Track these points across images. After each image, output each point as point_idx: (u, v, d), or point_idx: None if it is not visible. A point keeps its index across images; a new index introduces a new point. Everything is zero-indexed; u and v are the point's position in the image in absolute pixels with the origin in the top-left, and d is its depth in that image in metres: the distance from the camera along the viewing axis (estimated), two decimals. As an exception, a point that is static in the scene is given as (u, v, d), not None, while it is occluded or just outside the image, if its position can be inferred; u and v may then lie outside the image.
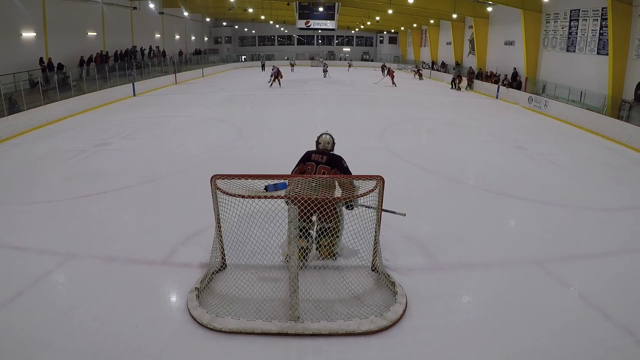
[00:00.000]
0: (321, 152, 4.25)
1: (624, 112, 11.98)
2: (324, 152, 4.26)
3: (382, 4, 22.94)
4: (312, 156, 4.22)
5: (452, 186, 6.92)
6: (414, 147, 9.46)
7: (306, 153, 4.32)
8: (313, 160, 4.20)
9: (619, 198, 6.59)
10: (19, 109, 10.96)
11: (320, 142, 4.32)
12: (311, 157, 4.22)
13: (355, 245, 3.85)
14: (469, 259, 4.50)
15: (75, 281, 4.05)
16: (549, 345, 3.23)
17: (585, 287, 4.04)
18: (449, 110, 15.09)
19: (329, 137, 4.34)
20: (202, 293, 3.74)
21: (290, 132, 10.73)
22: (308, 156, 4.26)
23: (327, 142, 4.32)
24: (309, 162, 4.20)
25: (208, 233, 4.79)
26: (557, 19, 16.16)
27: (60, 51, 17.22)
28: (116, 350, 3.12)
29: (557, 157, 8.89)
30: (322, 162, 4.17)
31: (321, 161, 4.17)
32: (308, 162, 4.21)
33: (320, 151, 4.28)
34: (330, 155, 4.24)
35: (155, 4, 23.78)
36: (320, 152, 4.25)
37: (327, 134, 4.38)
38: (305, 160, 4.23)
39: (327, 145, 4.32)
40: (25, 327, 3.33)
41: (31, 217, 5.44)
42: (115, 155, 8.44)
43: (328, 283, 3.79)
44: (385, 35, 42.22)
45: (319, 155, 4.21)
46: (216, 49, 39.74)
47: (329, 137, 4.34)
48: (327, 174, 4.08)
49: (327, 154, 4.25)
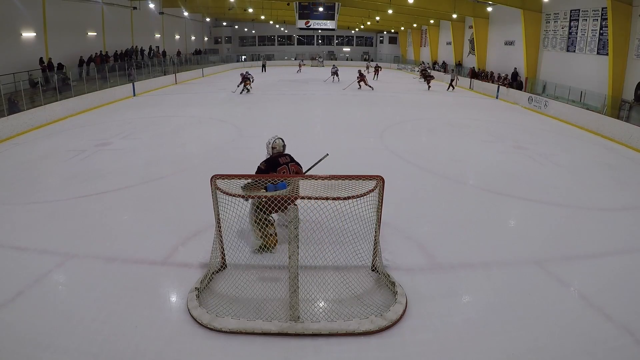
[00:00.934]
0: (282, 155, 4.63)
1: (624, 112, 11.98)
2: (284, 154, 4.66)
3: (382, 4, 22.95)
4: (279, 160, 4.53)
5: (452, 186, 6.92)
6: (414, 147, 9.46)
7: (269, 161, 4.52)
8: (283, 163, 4.51)
9: (619, 198, 6.59)
10: (19, 109, 10.96)
11: (276, 146, 4.68)
12: (279, 161, 4.51)
13: (355, 245, 3.85)
14: (469, 259, 4.50)
15: (75, 281, 4.06)
16: (549, 345, 3.23)
17: (585, 287, 4.04)
18: (449, 110, 15.09)
19: (282, 141, 4.75)
20: (202, 293, 3.74)
21: (290, 132, 10.69)
22: (275, 162, 4.50)
23: (282, 145, 4.72)
24: (280, 167, 4.47)
25: (208, 233, 4.79)
26: (557, 19, 16.17)
27: (60, 51, 17.23)
28: (116, 350, 3.12)
29: (557, 157, 8.89)
30: (289, 162, 4.58)
31: (288, 161, 4.57)
32: (280, 167, 4.47)
33: (281, 154, 4.64)
34: (288, 154, 4.68)
35: (155, 4, 23.79)
36: (282, 155, 4.62)
37: (279, 138, 4.74)
38: (276, 167, 4.46)
39: (282, 149, 4.71)
40: (25, 327, 3.34)
41: (31, 217, 5.44)
42: (115, 155, 8.44)
43: (328, 283, 3.79)
44: (385, 35, 42.23)
45: (284, 157, 4.59)
46: (216, 49, 39.75)
47: (281, 140, 4.74)
48: (295, 170, 4.55)
49: (287, 155, 4.66)
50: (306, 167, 4.96)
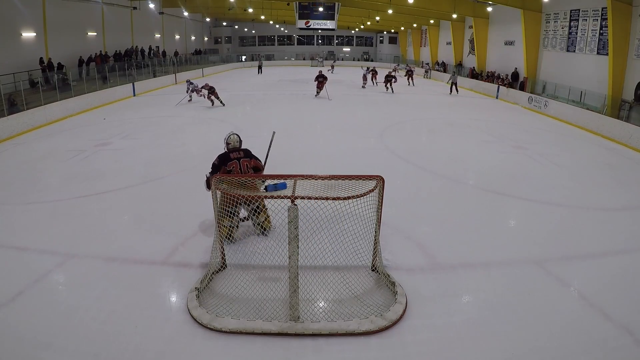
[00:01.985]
0: (236, 150, 4.75)
1: (624, 112, 11.99)
2: (238, 149, 4.77)
3: (382, 4, 22.95)
4: (231, 155, 4.65)
5: (452, 186, 6.92)
6: (414, 147, 9.45)
7: (221, 157, 4.67)
8: (234, 158, 4.63)
9: (619, 198, 6.59)
10: (18, 109, 10.96)
11: (230, 142, 4.79)
12: (230, 156, 4.63)
13: (355, 245, 3.85)
14: (469, 259, 4.50)
15: (75, 281, 4.06)
16: (549, 345, 3.23)
17: (585, 287, 4.04)
18: (449, 110, 15.08)
19: (237, 137, 4.85)
20: (202, 293, 3.74)
21: (290, 132, 10.72)
22: (226, 157, 4.63)
23: (237, 141, 4.82)
24: (230, 162, 4.60)
25: (208, 233, 4.79)
26: (557, 19, 16.16)
27: (60, 51, 17.23)
28: (116, 350, 3.12)
29: (557, 157, 8.89)
30: (241, 157, 4.68)
31: (240, 156, 4.68)
32: (230, 162, 4.60)
33: (234, 149, 4.75)
34: (244, 149, 4.80)
35: (155, 4, 23.78)
36: (235, 150, 4.74)
37: (234, 134, 4.86)
38: (226, 162, 4.59)
39: (237, 144, 4.81)
40: (25, 327, 3.33)
41: (31, 217, 5.44)
42: (115, 155, 8.43)
43: (328, 283, 3.79)
44: (385, 35, 42.22)
45: (236, 153, 4.71)
46: (216, 49, 39.74)
47: (236, 136, 4.85)
48: (249, 164, 4.66)
49: (241, 149, 4.79)
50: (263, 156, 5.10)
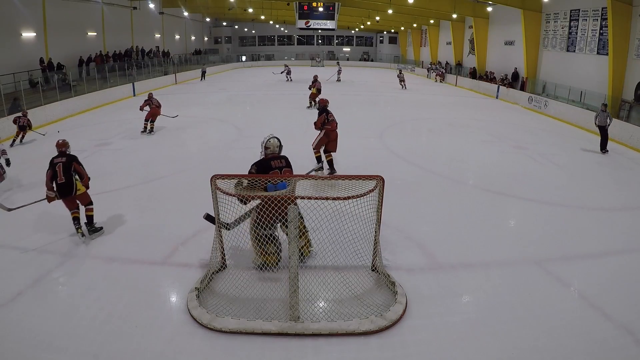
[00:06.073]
0: (277, 157, 4.26)
1: (624, 112, 11.99)
2: (279, 157, 4.28)
3: (382, 4, 22.94)
4: (272, 164, 4.18)
5: (452, 186, 6.92)
6: (414, 146, 9.46)
7: (261, 164, 4.20)
8: (275, 167, 4.17)
9: (619, 198, 6.59)
10: (19, 109, 10.94)
11: (270, 146, 4.28)
12: (271, 165, 4.17)
13: (355, 245, 3.85)
14: (469, 259, 4.50)
15: (75, 281, 4.06)
16: (549, 345, 3.23)
17: (585, 287, 4.04)
18: (449, 110, 15.09)
19: (277, 141, 4.34)
20: (202, 293, 3.74)
21: (291, 131, 10.70)
22: (267, 165, 4.17)
23: (277, 146, 4.31)
24: (271, 170, 4.14)
25: (208, 233, 4.79)
26: (557, 19, 16.16)
27: (60, 51, 17.23)
28: (116, 350, 3.12)
29: (557, 157, 8.89)
30: (283, 166, 4.21)
31: (282, 165, 4.21)
32: (271, 172, 4.14)
33: (275, 156, 4.26)
34: (284, 157, 4.30)
35: (155, 4, 23.79)
36: (276, 158, 4.25)
37: (274, 137, 4.35)
38: (267, 171, 4.13)
39: (277, 149, 4.31)
40: (25, 327, 3.34)
41: (31, 217, 5.43)
42: (115, 155, 8.44)
43: (328, 283, 3.79)
44: (385, 35, 42.22)
45: (277, 161, 4.22)
46: (216, 49, 39.74)
47: (277, 140, 4.34)
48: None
49: (282, 157, 4.29)
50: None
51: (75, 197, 4.87)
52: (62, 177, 4.77)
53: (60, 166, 4.80)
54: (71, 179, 4.82)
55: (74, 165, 4.88)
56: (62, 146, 5.07)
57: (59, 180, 4.77)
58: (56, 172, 4.79)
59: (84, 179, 4.95)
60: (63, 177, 4.77)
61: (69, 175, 4.80)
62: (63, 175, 4.78)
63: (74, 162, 4.91)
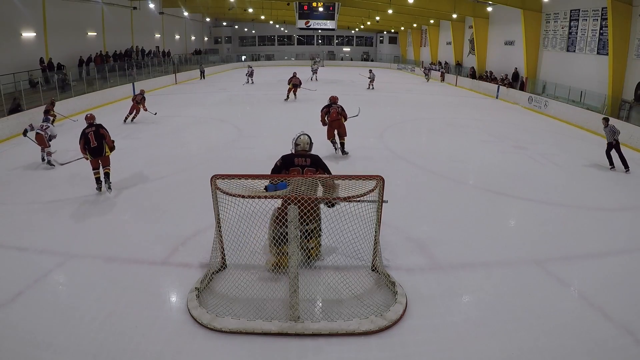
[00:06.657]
0: (303, 155, 4.12)
1: (624, 112, 11.98)
2: (306, 155, 4.14)
3: (382, 4, 22.93)
4: (295, 161, 4.06)
5: (452, 186, 6.92)
6: (414, 146, 9.46)
7: (285, 158, 4.09)
8: (298, 165, 4.05)
9: (619, 198, 6.59)
10: (19, 109, 10.95)
11: (300, 143, 4.19)
12: (294, 162, 4.06)
13: (355, 245, 3.85)
14: (469, 259, 4.50)
15: (75, 281, 4.06)
16: (549, 345, 3.23)
17: (585, 287, 4.05)
18: (449, 110, 15.09)
19: (308, 138, 4.24)
20: (202, 293, 3.74)
21: (290, 131, 10.68)
22: (290, 161, 4.05)
23: (307, 143, 4.21)
24: (293, 167, 4.04)
25: (208, 233, 4.78)
26: (557, 19, 16.16)
27: (60, 51, 17.23)
28: (116, 350, 3.12)
29: (557, 157, 8.89)
30: (307, 165, 4.06)
31: (306, 164, 4.06)
32: (293, 168, 4.04)
33: (301, 154, 4.13)
34: (312, 156, 4.16)
35: (155, 4, 23.79)
36: (302, 155, 4.12)
37: (305, 134, 4.25)
38: (289, 167, 4.04)
39: (307, 147, 4.21)
40: (25, 327, 3.33)
41: (31, 217, 5.44)
42: (116, 155, 8.40)
43: (328, 283, 3.79)
44: (385, 35, 42.22)
45: (302, 159, 4.08)
46: (216, 49, 39.76)
47: (307, 137, 4.24)
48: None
49: (309, 156, 4.16)
50: None
51: (103, 158, 6.16)
52: (95, 142, 6.09)
53: (92, 134, 6.10)
54: (102, 143, 6.14)
55: (101, 130, 6.15)
56: (91, 119, 6.36)
57: (92, 144, 6.06)
58: (89, 139, 6.06)
59: (108, 140, 6.21)
60: (95, 142, 6.09)
61: (100, 140, 6.13)
62: (95, 141, 6.09)
63: (101, 128, 6.19)
